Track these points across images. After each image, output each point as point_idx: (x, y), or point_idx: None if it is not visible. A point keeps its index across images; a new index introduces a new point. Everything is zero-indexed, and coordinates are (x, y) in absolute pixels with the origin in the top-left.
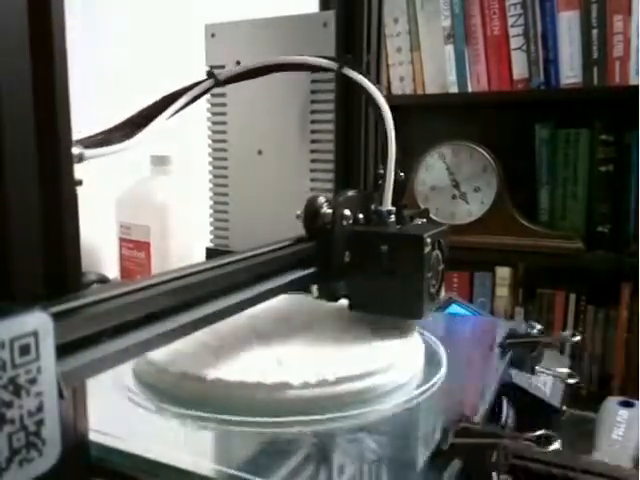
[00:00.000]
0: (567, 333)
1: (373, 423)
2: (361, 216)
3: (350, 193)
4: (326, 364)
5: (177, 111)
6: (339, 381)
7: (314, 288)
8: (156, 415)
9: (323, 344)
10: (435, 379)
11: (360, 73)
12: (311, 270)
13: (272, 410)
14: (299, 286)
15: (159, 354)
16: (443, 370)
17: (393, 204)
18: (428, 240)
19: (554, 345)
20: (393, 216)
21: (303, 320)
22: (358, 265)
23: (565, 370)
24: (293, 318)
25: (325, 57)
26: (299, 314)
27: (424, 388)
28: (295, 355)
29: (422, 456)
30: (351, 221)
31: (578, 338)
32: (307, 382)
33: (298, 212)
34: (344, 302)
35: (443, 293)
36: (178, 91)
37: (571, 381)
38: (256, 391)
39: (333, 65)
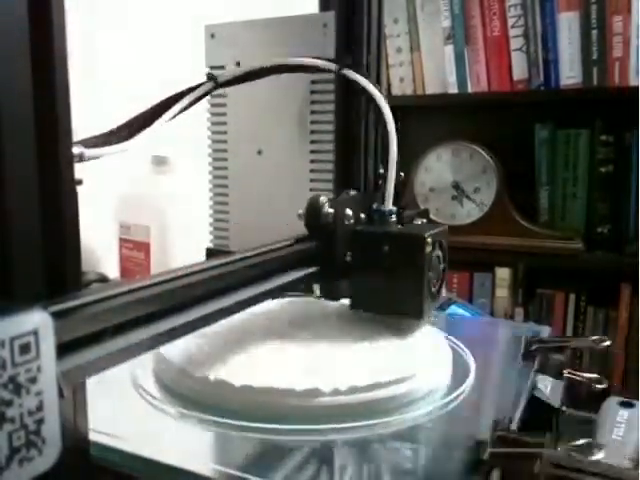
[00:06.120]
0: (596, 338)
1: (406, 431)
2: (362, 216)
3: (352, 193)
4: (355, 369)
5: (178, 113)
6: (370, 388)
7: (316, 287)
8: (179, 421)
9: (345, 348)
10: (465, 386)
11: (361, 74)
12: (313, 269)
13: (303, 417)
14: (300, 285)
15: (177, 355)
16: (472, 376)
17: (394, 204)
18: (429, 240)
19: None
20: (394, 216)
21: (315, 323)
22: (359, 264)
23: (594, 375)
24: (304, 321)
25: (325, 59)
26: (307, 317)
27: (455, 395)
28: (321, 360)
29: (460, 466)
30: (352, 220)
31: (608, 343)
32: (338, 389)
33: (300, 211)
34: (345, 302)
35: (444, 292)
36: (179, 93)
37: (600, 387)
38: (286, 398)
39: (332, 66)
